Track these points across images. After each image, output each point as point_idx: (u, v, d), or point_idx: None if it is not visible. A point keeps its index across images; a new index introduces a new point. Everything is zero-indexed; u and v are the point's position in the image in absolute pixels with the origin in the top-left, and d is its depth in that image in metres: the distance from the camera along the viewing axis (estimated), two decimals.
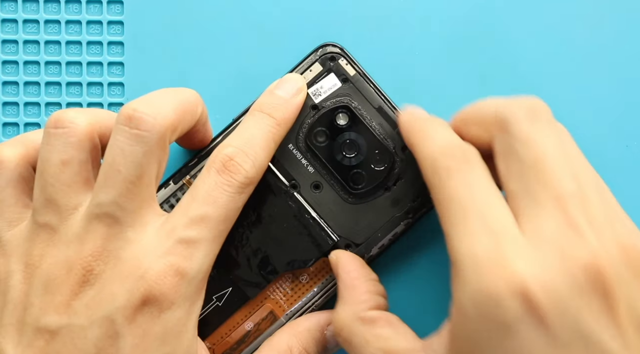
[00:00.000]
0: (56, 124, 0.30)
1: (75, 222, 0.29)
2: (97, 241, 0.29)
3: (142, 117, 0.29)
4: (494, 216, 0.27)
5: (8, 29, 0.37)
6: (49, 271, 0.29)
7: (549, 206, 0.27)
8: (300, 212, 0.34)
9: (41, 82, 0.37)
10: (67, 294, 0.28)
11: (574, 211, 0.26)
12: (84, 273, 0.28)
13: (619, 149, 0.37)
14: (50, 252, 0.29)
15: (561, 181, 0.27)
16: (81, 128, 0.30)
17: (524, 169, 0.27)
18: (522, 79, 0.37)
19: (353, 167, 0.34)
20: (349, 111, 0.34)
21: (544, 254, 0.26)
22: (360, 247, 0.34)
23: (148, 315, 0.28)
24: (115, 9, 0.37)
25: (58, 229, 0.29)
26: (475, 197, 0.27)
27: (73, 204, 0.29)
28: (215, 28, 0.37)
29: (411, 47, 0.37)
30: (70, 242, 0.29)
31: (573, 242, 0.26)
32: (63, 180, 0.29)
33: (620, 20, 0.37)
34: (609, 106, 0.37)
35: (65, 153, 0.29)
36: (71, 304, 0.28)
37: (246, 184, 0.30)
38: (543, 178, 0.27)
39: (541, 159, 0.27)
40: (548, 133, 0.28)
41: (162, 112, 0.29)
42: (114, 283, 0.28)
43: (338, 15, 0.37)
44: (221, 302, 0.34)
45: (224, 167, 0.30)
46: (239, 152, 0.31)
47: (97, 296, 0.28)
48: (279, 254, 0.34)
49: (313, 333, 0.33)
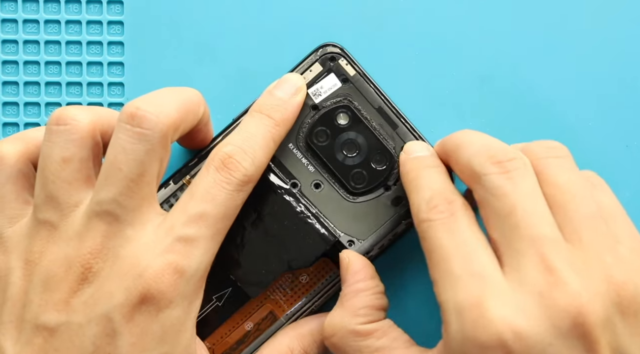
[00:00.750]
0: (58, 121, 0.30)
1: (75, 219, 0.29)
2: (96, 238, 0.29)
3: (145, 115, 0.29)
4: (476, 262, 0.28)
5: (8, 29, 0.37)
6: (49, 268, 0.29)
7: (528, 253, 0.27)
8: (300, 211, 0.34)
9: (41, 82, 0.37)
10: (66, 291, 0.28)
11: (552, 256, 0.27)
12: (83, 270, 0.28)
13: (619, 149, 0.37)
14: (50, 249, 0.29)
15: (535, 228, 0.27)
16: (83, 125, 0.29)
17: (500, 220, 0.28)
18: (522, 79, 0.37)
19: (353, 166, 0.34)
20: (350, 111, 0.34)
21: (524, 300, 0.26)
22: (361, 246, 0.34)
23: (146, 314, 0.28)
24: (115, 9, 0.37)
25: (58, 226, 0.29)
26: (458, 245, 0.28)
27: (74, 201, 0.29)
28: (215, 28, 0.37)
29: (411, 47, 0.37)
30: (70, 239, 0.29)
31: (552, 288, 0.26)
32: (64, 177, 0.29)
33: (619, 20, 0.37)
34: (609, 106, 0.37)
35: (67, 150, 0.29)
36: (70, 302, 0.28)
37: (245, 181, 0.30)
38: (517, 228, 0.27)
39: (513, 208, 0.28)
40: (518, 181, 0.28)
41: (165, 110, 0.29)
42: (112, 281, 0.28)
43: (338, 15, 0.37)
44: (221, 302, 0.34)
45: (222, 165, 0.30)
46: (238, 150, 0.30)
47: (95, 294, 0.28)
48: (279, 253, 0.34)
49: (315, 335, 0.33)
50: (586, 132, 0.36)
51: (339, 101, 0.34)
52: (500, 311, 0.26)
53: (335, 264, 0.34)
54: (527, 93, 0.37)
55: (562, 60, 0.37)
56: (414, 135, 0.34)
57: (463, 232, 0.28)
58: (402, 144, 0.34)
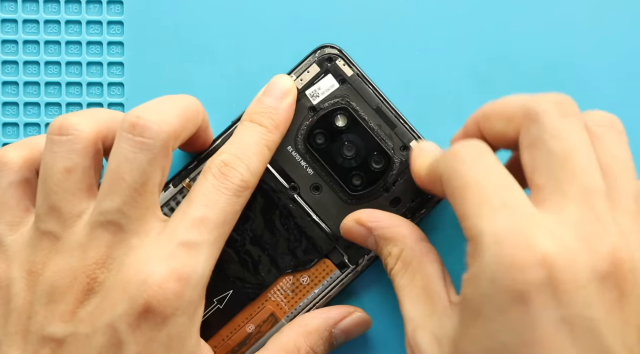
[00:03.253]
0: (60, 131, 0.29)
1: (78, 230, 0.29)
2: (100, 248, 0.29)
3: (146, 124, 0.29)
4: (516, 197, 0.27)
5: (8, 29, 0.37)
6: (53, 280, 0.29)
7: (576, 197, 0.27)
8: (300, 213, 0.34)
9: (41, 82, 0.37)
10: (72, 302, 0.29)
11: (599, 205, 0.26)
12: (88, 281, 0.29)
13: None
14: (53, 260, 0.29)
15: (590, 177, 0.27)
16: (85, 135, 0.29)
17: (553, 161, 0.27)
18: (522, 78, 0.37)
19: (352, 168, 0.34)
20: (348, 112, 0.34)
21: (567, 236, 0.26)
22: (360, 248, 0.34)
23: (152, 322, 0.28)
24: (115, 9, 0.37)
25: (61, 237, 0.29)
26: (495, 180, 0.27)
27: (76, 211, 0.29)
28: (215, 28, 0.37)
29: (410, 47, 0.37)
30: (73, 250, 0.29)
31: (596, 232, 0.26)
32: (67, 187, 0.29)
33: (619, 18, 0.37)
34: (609, 106, 0.37)
35: (70, 160, 0.29)
36: (76, 313, 0.28)
37: (243, 187, 0.30)
38: (572, 171, 0.27)
39: (571, 152, 0.27)
40: (578, 127, 0.28)
41: (166, 119, 0.29)
42: (117, 290, 0.28)
43: (337, 15, 0.37)
44: (222, 304, 0.34)
45: (220, 172, 0.30)
46: (233, 158, 0.31)
47: (100, 304, 0.28)
48: (280, 255, 0.34)
49: (321, 332, 0.33)
50: None
51: (336, 102, 0.34)
52: (545, 241, 0.25)
53: (335, 265, 0.35)
54: (527, 93, 0.37)
55: (562, 60, 0.37)
56: (413, 135, 0.34)
57: (497, 168, 0.28)
58: (401, 144, 0.34)
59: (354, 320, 0.34)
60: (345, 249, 0.34)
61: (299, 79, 0.34)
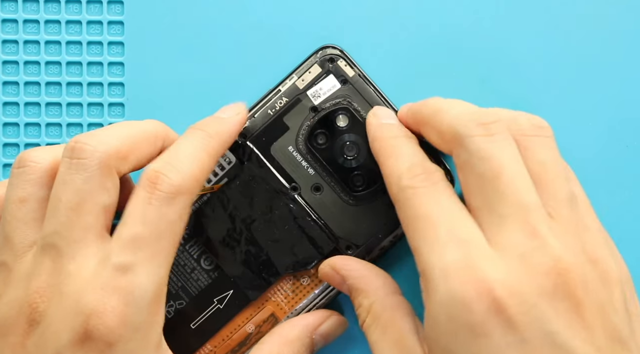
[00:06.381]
0: (19, 164, 0.30)
1: (27, 259, 0.29)
2: (41, 277, 0.28)
3: (82, 147, 0.29)
4: (461, 228, 0.27)
5: (8, 29, 0.37)
6: (3, 312, 0.29)
7: (511, 216, 0.27)
8: (301, 214, 0.34)
9: (41, 82, 0.37)
10: (20, 334, 0.28)
11: (535, 219, 0.27)
12: (31, 311, 0.28)
13: (619, 149, 0.37)
14: (5, 293, 0.29)
15: (522, 193, 0.27)
16: (40, 166, 0.30)
17: (484, 183, 0.28)
18: (522, 79, 0.37)
19: (353, 169, 0.34)
20: (349, 113, 0.34)
21: (509, 261, 0.26)
22: (361, 248, 0.34)
23: (96, 351, 0.27)
24: (115, 9, 0.37)
25: (12, 268, 0.29)
26: (443, 212, 0.28)
27: (28, 242, 0.29)
28: (215, 29, 0.37)
29: (411, 48, 0.37)
30: (20, 280, 0.29)
31: (536, 248, 0.26)
32: (19, 217, 0.29)
33: (619, 20, 0.37)
34: (609, 106, 0.37)
35: (24, 190, 0.30)
36: (25, 345, 0.28)
37: (173, 192, 0.29)
38: (503, 191, 0.27)
39: (499, 172, 0.27)
40: (504, 145, 0.28)
41: (104, 140, 0.29)
42: (58, 320, 0.28)
43: (338, 16, 0.37)
44: (222, 305, 0.34)
45: (149, 182, 0.29)
46: (162, 164, 0.29)
47: (43, 335, 0.28)
48: (280, 256, 0.34)
49: (303, 339, 0.33)
50: (586, 132, 0.37)
51: (338, 102, 0.34)
52: (490, 271, 0.26)
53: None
54: (527, 93, 0.37)
55: (562, 60, 0.37)
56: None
57: (447, 200, 0.28)
58: None
59: (333, 324, 0.34)
60: (345, 250, 0.34)
61: (301, 80, 0.34)
